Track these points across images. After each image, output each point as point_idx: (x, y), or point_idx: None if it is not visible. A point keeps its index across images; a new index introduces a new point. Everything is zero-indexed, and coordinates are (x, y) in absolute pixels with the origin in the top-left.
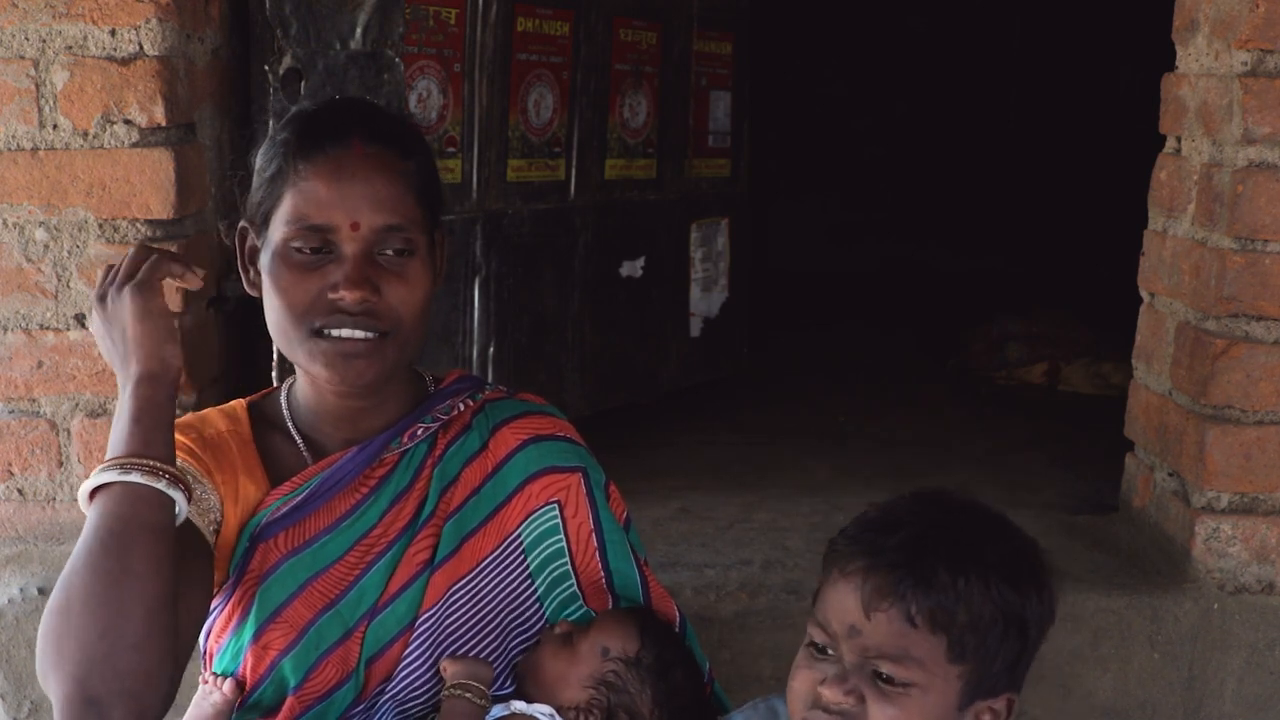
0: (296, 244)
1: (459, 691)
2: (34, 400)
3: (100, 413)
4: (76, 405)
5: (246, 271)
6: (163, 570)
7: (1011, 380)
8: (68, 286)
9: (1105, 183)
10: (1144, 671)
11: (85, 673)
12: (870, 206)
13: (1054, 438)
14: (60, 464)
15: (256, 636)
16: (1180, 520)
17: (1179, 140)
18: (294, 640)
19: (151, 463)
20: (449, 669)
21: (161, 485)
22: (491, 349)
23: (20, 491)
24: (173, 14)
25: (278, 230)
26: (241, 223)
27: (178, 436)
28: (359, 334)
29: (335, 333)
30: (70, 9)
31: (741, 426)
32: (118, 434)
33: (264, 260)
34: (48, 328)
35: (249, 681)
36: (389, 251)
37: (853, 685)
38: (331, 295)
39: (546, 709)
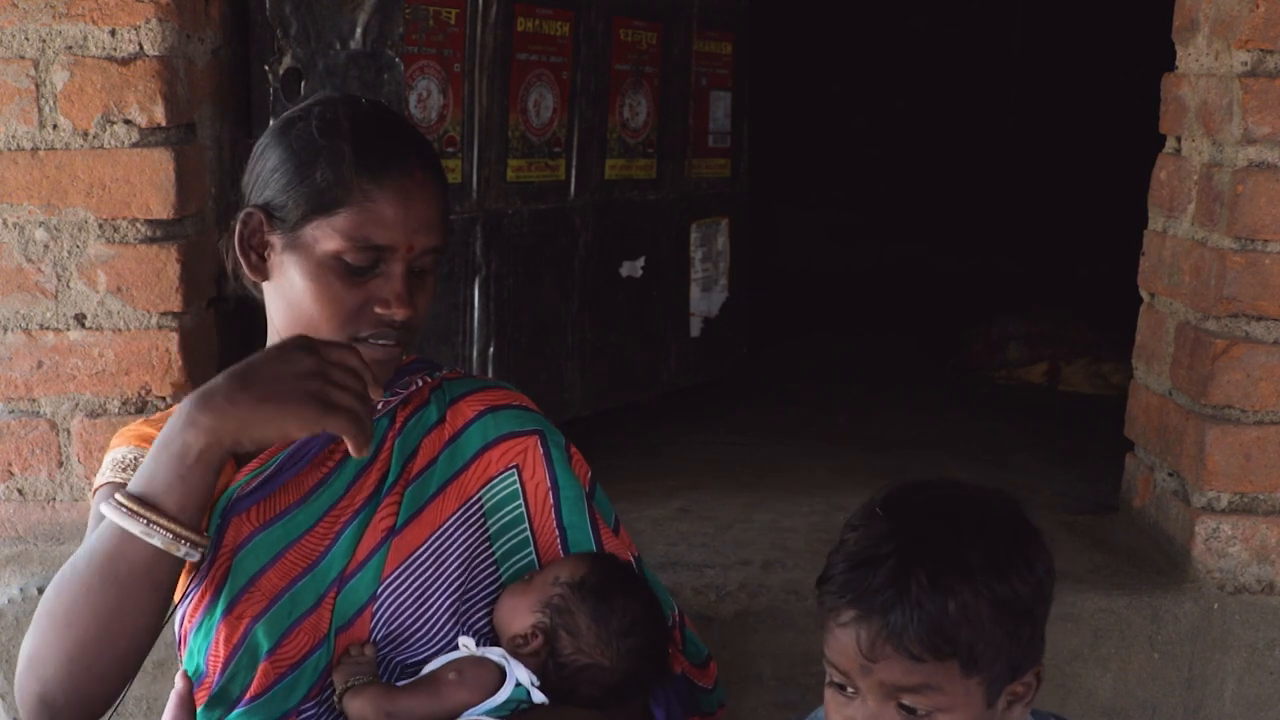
0: (350, 258)
1: (355, 682)
2: (34, 400)
3: (100, 413)
4: (76, 405)
5: (248, 256)
6: (152, 623)
7: (1011, 380)
8: (68, 286)
9: (1105, 182)
10: (1144, 671)
11: (52, 679)
12: (870, 206)
13: (1054, 438)
14: (60, 464)
15: (230, 608)
16: (1180, 520)
17: (1179, 140)
18: (267, 606)
19: (177, 529)
20: (339, 676)
21: (180, 553)
22: (491, 349)
23: (20, 491)
24: (173, 14)
25: (328, 240)
26: (249, 209)
27: (147, 430)
28: (393, 342)
29: (378, 342)
30: (70, 9)
31: (741, 426)
32: (161, 471)
33: (294, 259)
34: (48, 328)
35: (223, 654)
36: (422, 267)
37: None
38: (381, 310)
39: (498, 650)
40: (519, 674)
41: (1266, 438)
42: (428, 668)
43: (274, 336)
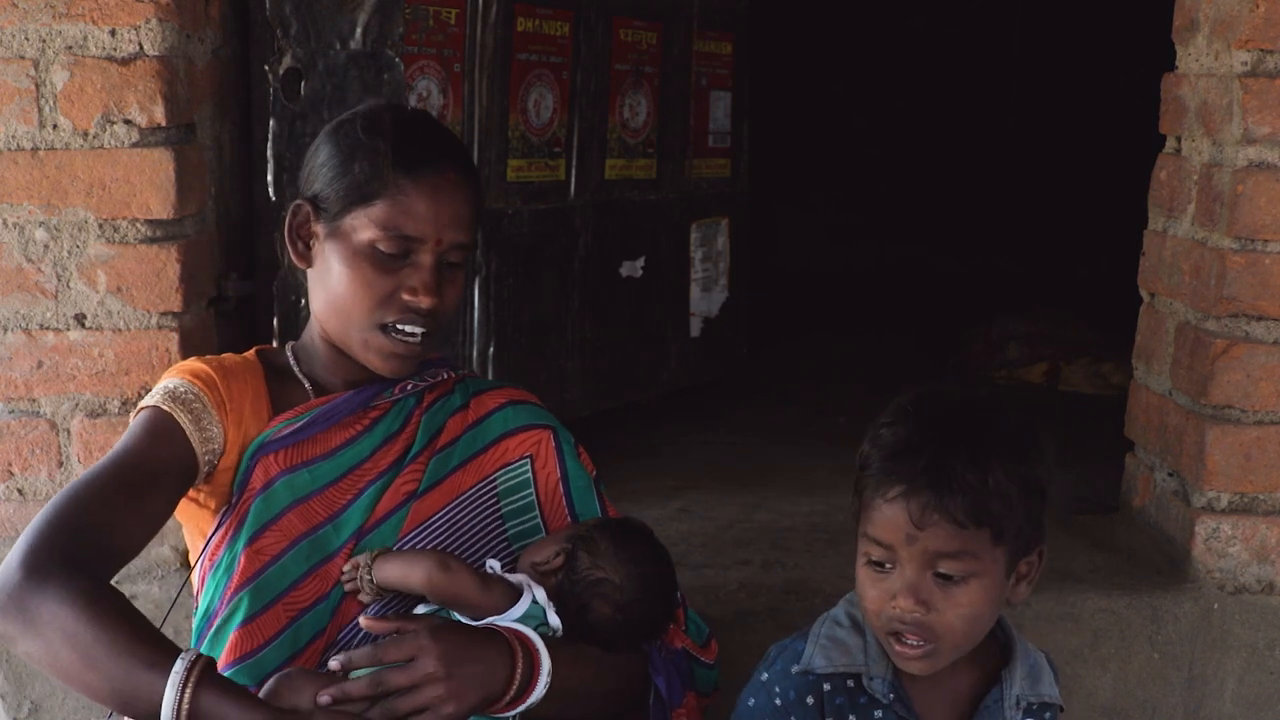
0: (383, 246)
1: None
2: (34, 400)
3: (100, 413)
4: (76, 405)
5: (294, 244)
6: None
7: (1011, 380)
8: (68, 286)
9: (1105, 183)
10: (1144, 671)
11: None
12: (870, 206)
13: (1054, 438)
14: (60, 464)
15: (251, 541)
16: (1180, 520)
17: (1179, 140)
18: (286, 548)
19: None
20: (351, 563)
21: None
22: (491, 349)
23: (20, 491)
24: (173, 14)
25: (364, 229)
26: (299, 200)
27: (199, 365)
28: (419, 330)
29: (403, 329)
30: (70, 9)
31: (741, 426)
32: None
33: (334, 247)
34: (48, 328)
35: (236, 584)
36: (450, 261)
37: (922, 594)
38: (407, 297)
39: (520, 575)
40: (537, 592)
41: (1266, 438)
42: None
43: (314, 320)
